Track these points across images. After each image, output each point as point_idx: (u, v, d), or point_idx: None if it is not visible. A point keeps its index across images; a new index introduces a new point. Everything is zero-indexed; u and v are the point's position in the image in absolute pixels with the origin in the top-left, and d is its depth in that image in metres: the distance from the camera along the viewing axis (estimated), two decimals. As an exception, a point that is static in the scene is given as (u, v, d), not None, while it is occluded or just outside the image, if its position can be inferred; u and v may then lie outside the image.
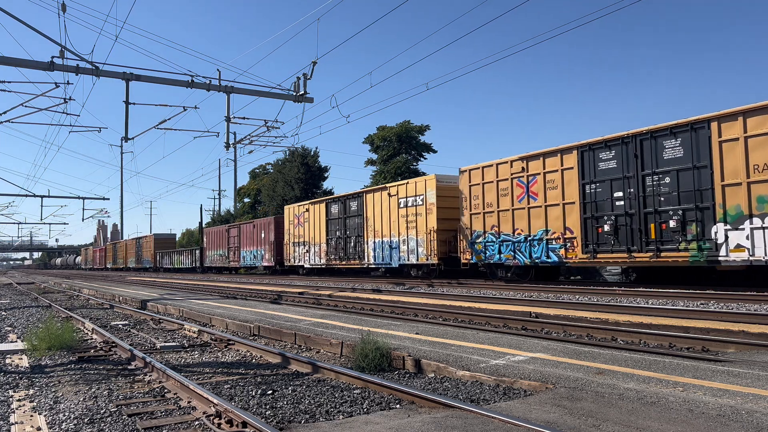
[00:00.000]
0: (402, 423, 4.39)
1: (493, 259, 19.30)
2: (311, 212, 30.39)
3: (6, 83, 18.14)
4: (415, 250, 22.65)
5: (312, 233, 30.24)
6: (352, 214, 26.97)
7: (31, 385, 6.54)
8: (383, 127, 43.35)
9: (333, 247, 28.41)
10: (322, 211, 29.39)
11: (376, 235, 25.02)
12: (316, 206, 30.05)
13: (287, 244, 32.85)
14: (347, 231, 27.25)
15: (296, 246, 31.93)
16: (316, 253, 29.88)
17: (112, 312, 16.01)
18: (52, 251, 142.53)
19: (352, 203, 26.97)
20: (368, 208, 25.63)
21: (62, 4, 15.25)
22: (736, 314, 9.11)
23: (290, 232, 32.55)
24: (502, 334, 8.41)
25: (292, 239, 32.34)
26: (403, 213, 23.42)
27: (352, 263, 27.06)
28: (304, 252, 31.00)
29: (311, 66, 18.20)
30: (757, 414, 4.17)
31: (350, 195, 27.30)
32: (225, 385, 6.32)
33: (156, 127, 20.10)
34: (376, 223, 25.08)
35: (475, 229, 19.97)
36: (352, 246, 26.82)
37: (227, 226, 43.03)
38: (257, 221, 37.72)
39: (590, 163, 16.41)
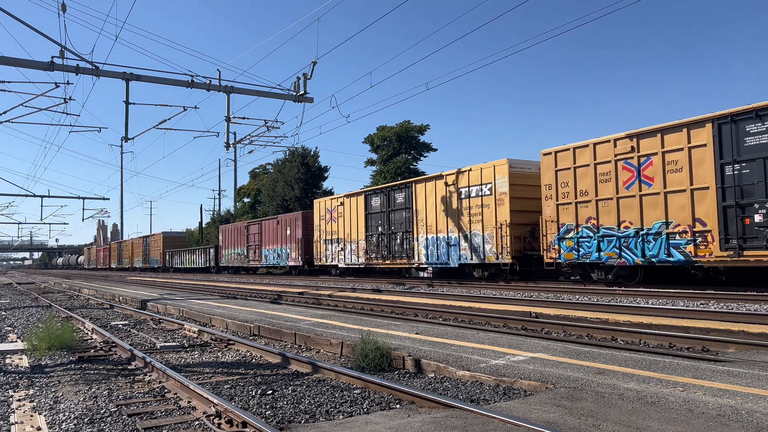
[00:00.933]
0: (402, 423, 4.39)
1: (590, 258, 16.25)
2: (346, 206, 27.24)
3: (6, 83, 18.17)
4: (481, 248, 19.67)
5: (347, 229, 27.12)
6: (398, 207, 23.92)
7: (31, 385, 6.54)
8: (383, 127, 43.34)
9: (374, 244, 25.27)
10: (360, 204, 26.24)
11: (429, 231, 21.99)
12: (353, 199, 26.82)
13: (317, 241, 29.78)
14: (392, 226, 24.19)
15: (328, 244, 28.80)
16: (352, 251, 26.75)
17: (112, 312, 16.01)
18: (52, 251, 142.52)
19: (398, 195, 23.93)
20: (418, 200, 22.64)
21: (62, 4, 15.26)
22: (736, 314, 9.11)
23: (321, 228, 29.43)
24: (502, 334, 8.41)
25: (323, 236, 29.17)
26: (464, 205, 20.37)
27: (398, 262, 24.00)
28: (337, 250, 27.90)
29: (311, 66, 18.21)
30: (757, 414, 4.17)
31: (395, 185, 24.40)
32: (225, 385, 6.32)
33: (156, 127, 20.11)
34: (428, 216, 22.01)
35: (564, 222, 16.95)
36: (399, 243, 23.69)
37: (246, 222, 40.10)
38: (281, 217, 34.65)
39: (732, 139, 13.23)
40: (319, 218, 29.66)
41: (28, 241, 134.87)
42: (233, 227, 41.80)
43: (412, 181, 23.38)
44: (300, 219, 31.94)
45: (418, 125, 42.69)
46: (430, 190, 22.12)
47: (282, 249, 33.88)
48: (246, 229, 38.80)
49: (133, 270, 65.91)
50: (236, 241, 40.31)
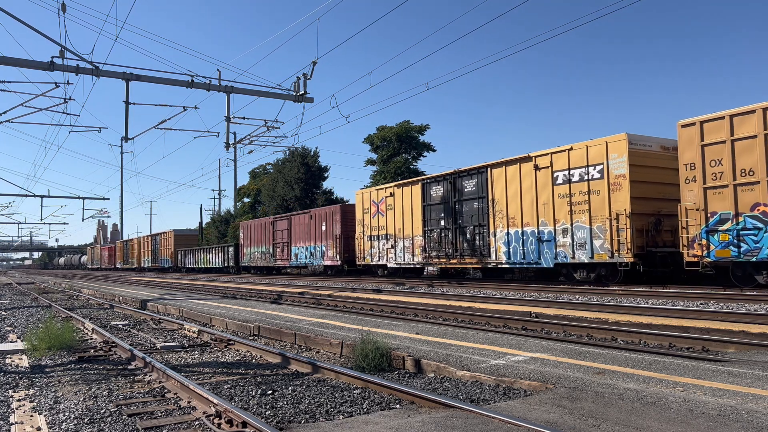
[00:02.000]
0: (402, 423, 4.39)
1: (759, 255, 13.04)
2: (397, 197, 24.03)
3: (6, 83, 18.17)
4: (587, 243, 16.36)
5: (399, 224, 23.85)
6: (467, 197, 20.52)
7: (31, 385, 6.54)
8: (383, 127, 43.31)
9: (434, 240, 21.88)
10: (415, 194, 23.03)
11: (511, 224, 18.69)
12: (407, 189, 23.60)
13: (359, 238, 26.45)
14: (458, 219, 20.79)
15: (374, 240, 25.38)
16: (405, 249, 23.45)
17: (112, 312, 16.01)
18: (52, 251, 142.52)
19: (467, 182, 20.52)
20: (495, 187, 19.39)
21: (62, 4, 15.26)
22: (736, 314, 9.11)
23: (364, 223, 26.07)
24: (502, 334, 8.41)
25: (368, 232, 25.81)
26: (561, 192, 17.17)
27: (467, 261, 20.67)
28: (386, 248, 24.55)
29: (311, 66, 18.21)
30: (757, 414, 4.17)
31: (463, 171, 20.79)
32: (225, 385, 6.32)
33: (156, 127, 20.11)
34: (510, 207, 18.77)
35: (716, 211, 13.81)
36: (469, 239, 20.31)
37: (272, 218, 36.59)
38: (315, 211, 31.34)
39: None
40: (362, 211, 26.26)
41: (28, 241, 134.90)
42: (257, 223, 38.25)
43: (486, 166, 19.76)
44: (338, 213, 28.78)
45: (418, 125, 42.68)
46: (512, 175, 18.72)
47: (316, 247, 30.62)
48: (272, 225, 35.39)
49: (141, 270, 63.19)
50: (260, 239, 36.97)
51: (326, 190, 46.53)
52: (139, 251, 64.59)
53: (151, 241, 61.06)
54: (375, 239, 25.50)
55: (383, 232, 25.01)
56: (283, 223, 34.22)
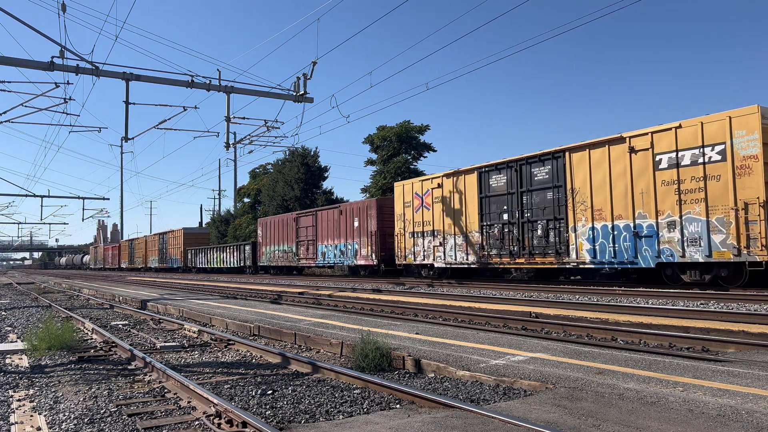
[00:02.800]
0: (402, 423, 4.39)
1: None
2: (447, 188, 21.39)
3: (6, 83, 18.17)
4: (702, 239, 13.89)
5: (449, 218, 21.26)
6: (537, 186, 17.96)
7: (31, 385, 6.54)
8: (383, 127, 43.30)
9: (494, 237, 19.35)
10: (470, 184, 20.39)
11: (598, 217, 16.19)
12: (459, 179, 20.93)
13: (399, 235, 23.83)
14: (526, 212, 18.30)
15: (417, 237, 22.82)
16: (457, 246, 20.84)
17: (112, 312, 16.01)
18: (52, 251, 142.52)
19: (538, 169, 17.97)
20: (576, 175, 16.82)
21: (62, 4, 15.26)
22: (736, 314, 9.10)
23: (406, 218, 23.48)
24: (502, 334, 8.41)
25: (409, 228, 23.21)
26: (667, 177, 14.56)
27: (537, 261, 18.08)
28: (433, 246, 21.98)
29: (311, 66, 18.22)
30: (757, 414, 4.17)
31: (533, 157, 18.17)
32: (225, 385, 6.32)
33: (156, 127, 20.11)
34: (596, 197, 16.25)
35: None
36: (540, 235, 17.83)
37: (296, 213, 33.63)
38: (347, 206, 28.83)
39: None
40: (402, 205, 23.69)
41: (28, 241, 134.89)
42: (278, 220, 35.31)
43: (562, 150, 17.22)
44: (374, 208, 26.16)
45: (418, 125, 42.68)
46: (598, 159, 16.19)
47: (347, 245, 27.92)
48: (295, 222, 32.70)
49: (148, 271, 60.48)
50: (281, 236, 34.26)
51: (326, 190, 46.53)
52: (146, 251, 62.11)
53: (158, 240, 58.09)
54: (419, 236, 22.76)
55: (429, 228, 22.22)
56: (308, 219, 31.50)
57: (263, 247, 36.73)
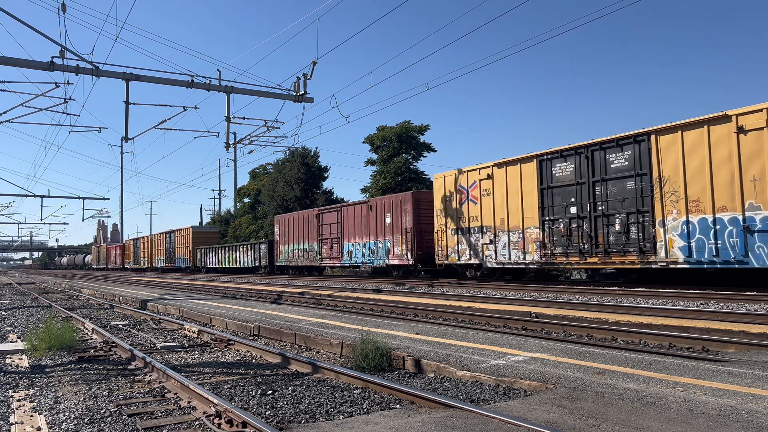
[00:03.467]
0: (402, 423, 4.39)
1: None
2: (498, 179, 19.20)
3: (6, 83, 18.17)
4: None
5: (501, 212, 19.03)
6: (615, 175, 15.85)
7: (31, 385, 6.54)
8: (383, 127, 43.32)
9: (558, 233, 17.24)
10: (527, 174, 18.17)
11: (694, 210, 14.06)
12: (513, 168, 18.67)
13: (439, 231, 21.63)
14: (600, 205, 16.13)
15: (462, 234, 20.57)
16: (512, 244, 18.64)
17: (112, 312, 16.01)
18: (52, 251, 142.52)
19: (616, 155, 15.83)
20: (664, 161, 14.77)
21: (62, 4, 15.27)
22: (736, 314, 9.11)
23: (447, 213, 21.29)
24: (502, 334, 8.41)
25: (452, 224, 21.02)
26: None
27: (615, 260, 15.84)
28: (481, 243, 19.75)
29: (311, 66, 18.23)
30: (757, 414, 4.17)
31: (608, 142, 15.98)
32: (225, 385, 6.32)
33: (156, 127, 20.12)
34: (690, 185, 14.16)
35: None
36: (618, 230, 15.61)
37: (318, 209, 31.39)
38: (377, 201, 26.37)
39: None
40: (444, 199, 21.54)
41: (28, 241, 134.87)
42: (297, 217, 33.08)
43: (647, 132, 15.20)
44: (409, 202, 24.04)
45: (418, 125, 42.70)
46: (694, 142, 14.14)
47: (377, 243, 25.73)
48: (317, 218, 30.53)
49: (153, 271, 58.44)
50: (301, 234, 32.19)
51: (326, 190, 46.55)
52: (151, 250, 59.91)
53: (165, 239, 55.69)
54: (464, 233, 20.46)
55: (476, 224, 20.00)
56: (331, 216, 29.36)
57: (281, 245, 34.58)
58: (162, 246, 56.53)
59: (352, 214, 27.68)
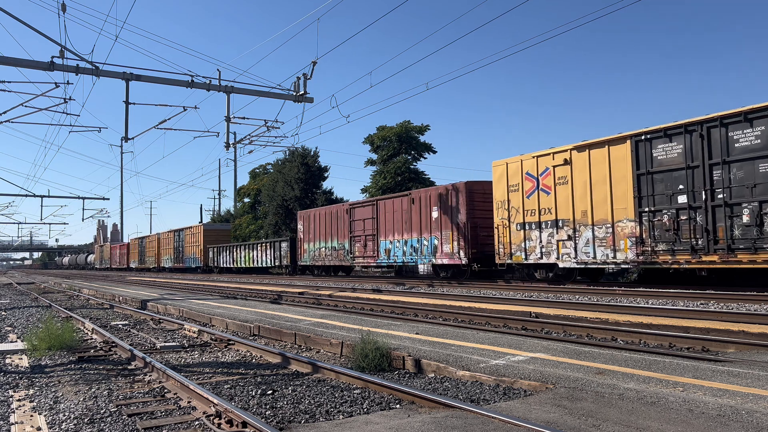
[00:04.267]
0: (402, 423, 4.39)
1: None
2: (578, 165, 16.64)
3: (6, 83, 18.16)
4: None
5: (582, 204, 16.51)
6: (740, 156, 13.28)
7: (31, 385, 6.54)
8: (383, 127, 43.33)
9: (662, 226, 14.64)
10: (618, 158, 15.67)
11: None
12: (599, 152, 16.17)
13: (500, 226, 19.01)
14: (720, 192, 13.59)
15: (531, 229, 17.97)
16: (597, 240, 16.09)
17: (112, 312, 16.01)
18: (52, 251, 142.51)
19: (744, 132, 13.28)
20: None
21: (62, 4, 15.27)
22: (736, 314, 9.11)
23: (511, 205, 18.66)
24: (502, 334, 8.41)
25: (518, 218, 18.43)
26: None
27: (743, 258, 13.23)
28: (556, 239, 17.16)
29: (311, 66, 18.22)
30: (757, 414, 4.17)
31: (731, 116, 13.49)
32: (225, 385, 6.32)
33: (156, 127, 20.12)
34: None
35: None
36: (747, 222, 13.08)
37: (348, 204, 28.75)
38: (420, 192, 23.82)
39: None
40: (506, 189, 18.87)
41: (28, 241, 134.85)
42: (324, 212, 30.53)
43: None
44: (462, 193, 21.27)
45: (418, 125, 42.72)
46: None
47: (422, 240, 23.10)
48: (348, 214, 28.06)
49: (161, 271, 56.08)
50: (329, 231, 29.72)
51: (326, 190, 46.55)
52: (158, 249, 57.40)
53: (173, 238, 53.09)
54: (532, 228, 17.94)
55: (549, 218, 17.48)
56: (366, 211, 26.76)
57: (304, 243, 32.00)
58: (170, 245, 54.11)
59: (391, 209, 25.16)
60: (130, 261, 67.35)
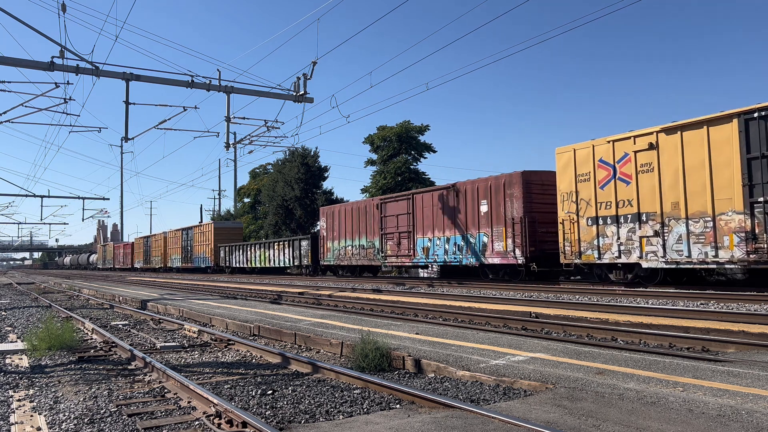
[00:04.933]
0: (402, 423, 4.39)
1: None
2: (665, 149, 14.52)
3: (6, 83, 18.18)
4: None
5: (671, 194, 14.35)
6: None
7: (31, 385, 6.54)
8: (383, 127, 43.36)
9: None
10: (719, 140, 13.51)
11: None
12: (693, 134, 14.02)
13: (566, 221, 16.73)
14: None
15: (606, 224, 15.71)
16: (694, 237, 13.85)
17: (112, 312, 16.01)
18: (52, 251, 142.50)
19: None
20: None
21: (62, 4, 15.28)
22: (736, 314, 9.11)
23: (579, 197, 16.43)
24: (502, 334, 8.41)
25: (588, 211, 16.19)
26: None
27: None
28: (639, 236, 14.99)
29: (311, 66, 18.23)
30: (757, 414, 4.17)
31: None
32: (225, 385, 6.32)
33: (156, 127, 20.13)
34: None
35: None
36: None
37: (379, 198, 26.30)
38: (465, 185, 21.05)
39: None
40: (574, 179, 16.64)
41: (28, 241, 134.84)
42: (351, 208, 28.21)
43: None
44: (517, 185, 18.95)
45: (418, 125, 42.73)
46: None
47: (467, 237, 20.74)
48: (378, 209, 25.74)
49: (168, 271, 53.77)
50: (356, 228, 27.39)
51: (326, 190, 46.57)
52: (165, 249, 55.00)
53: (181, 237, 50.53)
54: (608, 222, 15.73)
55: (629, 211, 15.24)
56: (399, 206, 24.57)
57: (328, 242, 29.71)
58: (178, 244, 51.63)
59: (429, 203, 22.81)
60: (134, 261, 65.38)
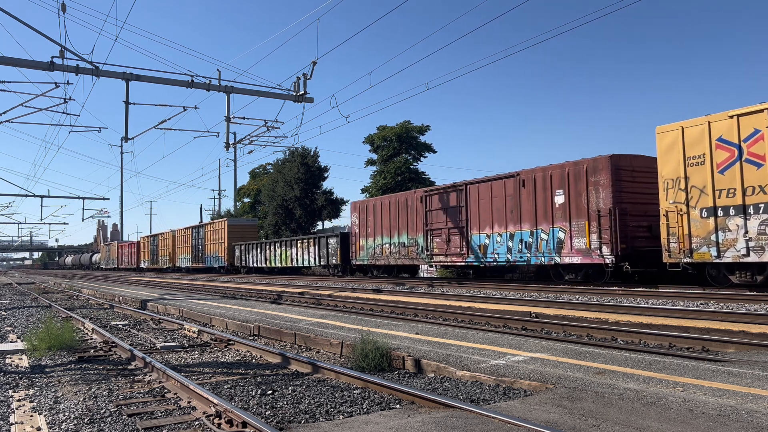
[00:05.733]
0: (402, 423, 4.39)
1: None
2: None
3: (6, 83, 18.18)
4: None
5: None
6: None
7: (31, 385, 6.54)
8: (383, 127, 43.37)
9: None
10: None
11: None
12: None
13: (673, 212, 14.23)
14: None
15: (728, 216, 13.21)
16: None
17: (112, 312, 16.01)
18: (52, 251, 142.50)
19: None
20: None
21: (62, 4, 15.28)
22: (736, 314, 9.11)
23: (689, 184, 13.96)
24: (502, 334, 8.41)
25: (702, 201, 13.75)
26: None
27: None
28: None
29: (311, 66, 18.23)
30: (757, 414, 4.17)
31: None
32: (225, 385, 6.32)
33: (156, 127, 20.14)
34: None
35: None
36: None
37: (422, 190, 23.71)
38: (533, 172, 18.44)
39: None
40: (682, 162, 14.12)
41: (28, 241, 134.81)
42: (389, 201, 25.49)
43: None
44: (605, 171, 16.34)
45: (418, 125, 42.74)
46: None
47: (538, 233, 18.15)
48: (422, 202, 23.10)
49: (176, 271, 51.31)
50: (394, 224, 24.81)
51: (326, 190, 46.57)
52: (173, 248, 52.32)
53: (191, 235, 48.06)
54: (731, 214, 13.22)
55: (761, 199, 12.78)
56: (448, 198, 21.91)
57: (360, 239, 27.04)
58: (187, 243, 48.80)
59: (487, 194, 20.11)
60: (140, 260, 62.77)
